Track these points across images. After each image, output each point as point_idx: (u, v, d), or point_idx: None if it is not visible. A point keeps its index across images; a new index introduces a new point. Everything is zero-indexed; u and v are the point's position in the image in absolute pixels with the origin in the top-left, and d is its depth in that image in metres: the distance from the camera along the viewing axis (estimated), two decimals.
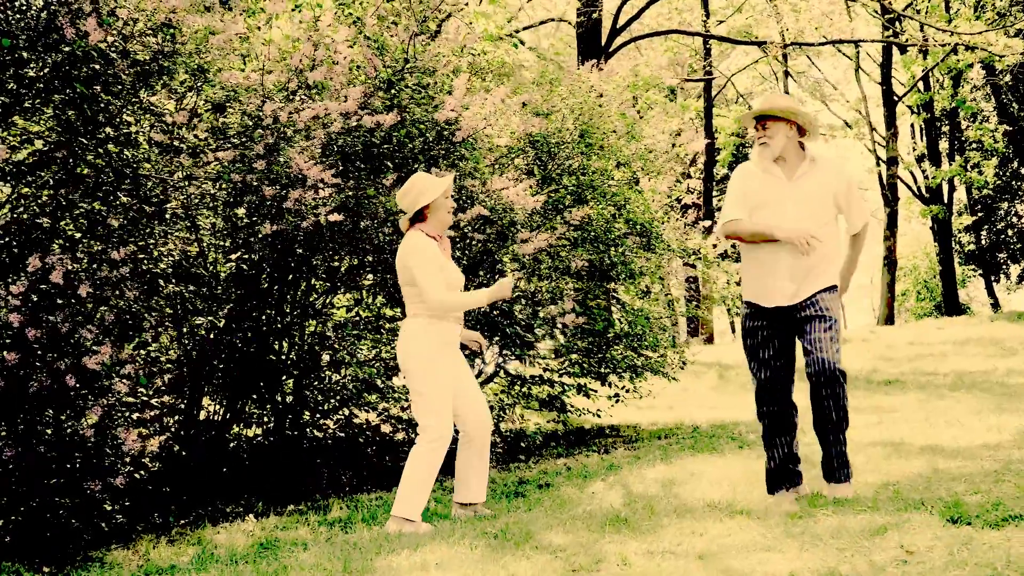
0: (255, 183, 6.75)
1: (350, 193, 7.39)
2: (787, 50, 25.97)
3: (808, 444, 7.22)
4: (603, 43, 22.13)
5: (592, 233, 10.09)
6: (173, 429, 7.78)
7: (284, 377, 8.50)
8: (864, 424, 9.09)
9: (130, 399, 6.37)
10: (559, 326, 9.53)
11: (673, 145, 11.97)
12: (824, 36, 25.37)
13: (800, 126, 5.40)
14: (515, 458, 9.17)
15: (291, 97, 7.17)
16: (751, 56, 32.48)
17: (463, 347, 6.36)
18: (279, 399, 8.66)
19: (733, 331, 42.78)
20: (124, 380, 5.95)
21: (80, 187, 6.48)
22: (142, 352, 6.75)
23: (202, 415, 8.18)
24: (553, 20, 23.58)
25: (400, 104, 7.77)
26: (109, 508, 6.36)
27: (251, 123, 6.84)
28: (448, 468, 6.33)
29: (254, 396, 8.47)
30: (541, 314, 9.44)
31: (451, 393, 5.67)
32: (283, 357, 8.44)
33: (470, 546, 4.76)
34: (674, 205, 12.24)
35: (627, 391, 10.64)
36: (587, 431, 11.28)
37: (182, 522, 6.92)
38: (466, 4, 9.29)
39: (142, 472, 6.24)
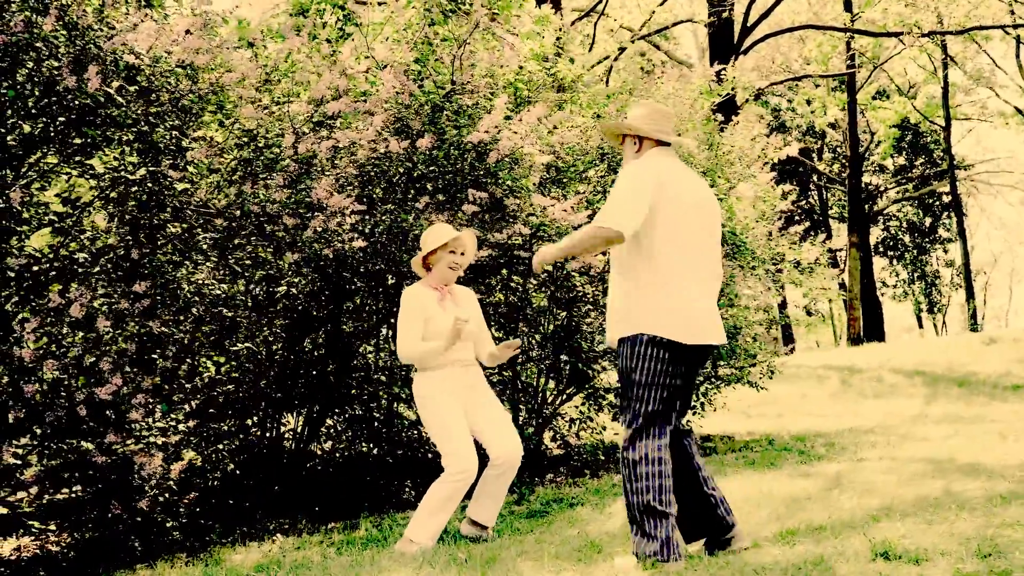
0: (276, 212, 6.98)
1: (382, 218, 7.53)
2: (929, 39, 24.84)
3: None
4: (735, 42, 21.79)
5: None
6: (230, 448, 8.08)
7: (359, 391, 8.74)
8: (938, 436, 8.76)
9: (159, 424, 6.67)
10: None
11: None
12: (993, 21, 24.31)
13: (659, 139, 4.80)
14: (580, 472, 9.15)
15: (317, 128, 7.38)
16: (913, 47, 31.20)
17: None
18: (351, 416, 8.92)
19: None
20: (142, 407, 6.26)
21: (127, 224, 6.88)
22: (178, 376, 7.05)
23: (270, 431, 8.49)
24: (683, 22, 23.30)
25: (439, 127, 7.89)
26: (146, 527, 6.72)
27: (272, 156, 7.07)
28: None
29: (326, 414, 8.74)
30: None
31: (465, 433, 5.69)
32: (354, 375, 8.68)
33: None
34: (765, 212, 11.89)
35: (702, 404, 10.47)
36: None
37: (225, 540, 7.22)
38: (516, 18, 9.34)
39: (167, 495, 6.52)
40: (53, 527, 7.40)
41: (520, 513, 7.09)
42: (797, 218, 43.54)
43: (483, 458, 5.87)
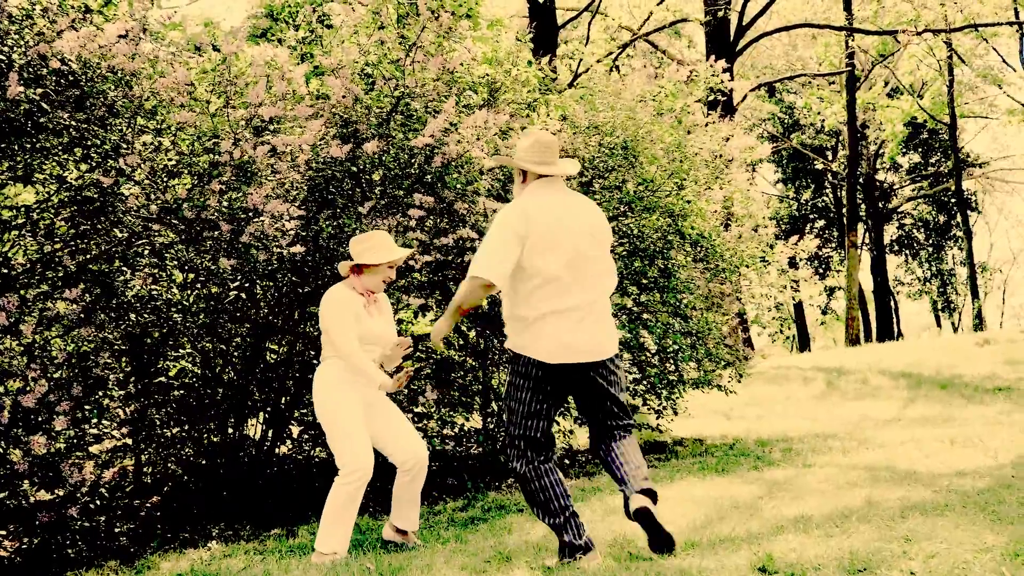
0: (212, 218, 6.97)
1: (325, 224, 7.52)
2: (933, 36, 24.64)
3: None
4: (731, 40, 21.69)
5: (642, 244, 9.95)
6: (183, 454, 8.08)
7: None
8: (894, 441, 8.67)
9: (93, 431, 6.68)
10: None
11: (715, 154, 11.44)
12: (996, 18, 24.15)
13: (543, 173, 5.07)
14: None
15: (257, 132, 7.36)
16: (910, 45, 30.93)
17: None
18: (308, 421, 8.92)
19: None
20: (69, 414, 6.26)
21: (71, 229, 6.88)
22: (108, 382, 7.05)
23: (229, 437, 8.48)
24: (679, 22, 23.20)
25: (388, 131, 7.86)
26: (90, 534, 6.72)
27: (209, 161, 7.06)
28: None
29: (288, 420, 8.73)
30: None
31: (362, 431, 5.70)
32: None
33: None
34: (737, 214, 11.82)
35: (663, 408, 10.39)
36: (655, 445, 11.04)
37: (168, 547, 7.21)
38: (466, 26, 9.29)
39: (99, 501, 6.53)
40: (4, 533, 7.43)
41: (460, 520, 7.06)
42: (812, 217, 43.37)
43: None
